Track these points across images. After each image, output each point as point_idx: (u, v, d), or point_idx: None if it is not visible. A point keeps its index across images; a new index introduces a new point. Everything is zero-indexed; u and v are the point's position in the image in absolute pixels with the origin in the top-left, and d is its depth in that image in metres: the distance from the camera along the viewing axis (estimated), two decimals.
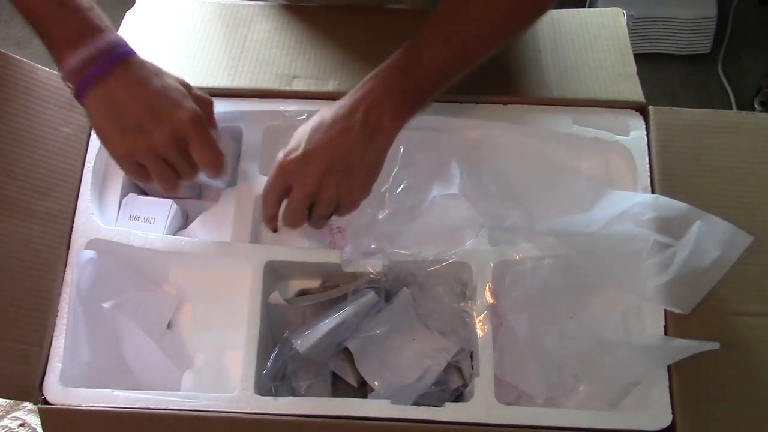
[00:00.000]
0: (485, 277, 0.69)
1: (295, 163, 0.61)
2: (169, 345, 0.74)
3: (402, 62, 0.61)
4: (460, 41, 0.60)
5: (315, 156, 0.60)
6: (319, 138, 0.60)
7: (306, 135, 0.61)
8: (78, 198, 0.72)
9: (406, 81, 0.60)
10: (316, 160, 0.60)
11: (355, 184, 0.62)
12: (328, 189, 0.61)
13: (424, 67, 0.60)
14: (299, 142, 0.61)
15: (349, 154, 0.60)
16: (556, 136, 0.74)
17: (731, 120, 0.73)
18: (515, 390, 0.69)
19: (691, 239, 0.65)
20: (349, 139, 0.60)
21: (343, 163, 0.60)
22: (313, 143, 0.60)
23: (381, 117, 0.60)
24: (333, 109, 0.61)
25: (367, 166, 0.62)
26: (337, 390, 0.72)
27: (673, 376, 0.64)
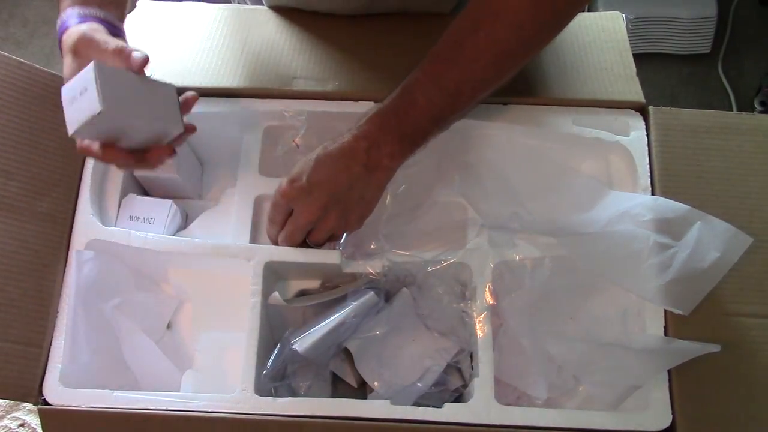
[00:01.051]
0: (485, 278, 0.69)
1: (300, 191, 0.63)
2: (169, 345, 0.74)
3: (399, 105, 0.63)
4: (453, 86, 0.61)
5: (318, 187, 0.63)
6: (324, 171, 0.63)
7: (311, 166, 0.63)
8: (78, 198, 0.72)
9: (404, 124, 0.62)
10: (319, 191, 0.63)
11: (351, 217, 0.65)
12: (327, 220, 0.65)
13: (419, 110, 0.62)
14: (303, 171, 0.63)
15: (350, 189, 0.63)
16: (556, 136, 0.74)
17: (731, 120, 0.73)
18: (515, 391, 0.69)
19: (691, 240, 0.65)
20: (351, 175, 0.62)
21: (344, 198, 0.63)
22: (317, 175, 0.63)
23: (381, 158, 0.62)
24: (336, 144, 0.63)
25: (365, 202, 0.65)
26: (337, 390, 0.72)
27: (673, 376, 0.64)
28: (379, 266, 0.70)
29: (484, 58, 0.60)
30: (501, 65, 0.62)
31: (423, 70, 0.62)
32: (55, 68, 0.72)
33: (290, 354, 0.67)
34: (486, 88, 0.63)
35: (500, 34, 0.59)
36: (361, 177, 0.63)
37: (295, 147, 0.76)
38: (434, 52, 0.62)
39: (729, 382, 0.63)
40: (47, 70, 0.73)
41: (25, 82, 0.71)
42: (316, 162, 0.63)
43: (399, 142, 0.63)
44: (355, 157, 0.62)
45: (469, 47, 0.60)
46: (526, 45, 0.61)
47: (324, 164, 0.63)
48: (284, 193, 0.64)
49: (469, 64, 0.61)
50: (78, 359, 0.68)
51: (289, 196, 0.64)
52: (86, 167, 0.73)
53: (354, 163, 0.62)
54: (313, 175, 0.63)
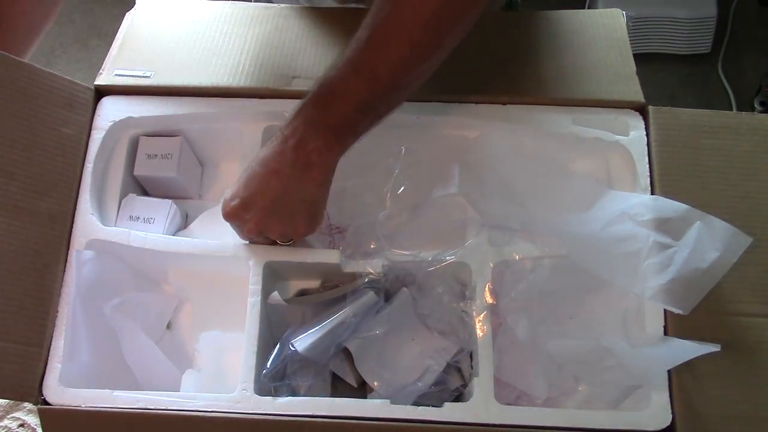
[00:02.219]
0: (485, 277, 0.69)
1: (236, 209, 0.64)
2: (169, 345, 0.74)
3: (319, 97, 0.60)
4: (369, 70, 0.58)
5: (251, 201, 0.63)
6: (255, 182, 0.62)
7: (243, 180, 0.63)
8: (78, 198, 0.72)
9: (327, 116, 0.60)
10: (253, 205, 0.63)
11: (297, 220, 0.64)
12: (272, 228, 0.65)
13: (340, 99, 0.59)
14: (238, 188, 0.64)
15: (285, 193, 0.62)
16: (556, 136, 0.74)
17: (731, 120, 0.73)
18: (515, 390, 0.69)
19: (690, 240, 0.65)
20: (282, 179, 0.61)
21: (281, 203, 0.63)
22: (250, 189, 0.63)
23: (309, 154, 0.60)
24: (264, 151, 0.62)
25: (307, 202, 0.63)
26: (336, 390, 0.72)
27: (673, 376, 0.64)
28: (379, 266, 0.70)
29: (394, 37, 0.57)
30: (414, 44, 0.58)
31: (341, 58, 0.59)
32: (55, 68, 0.72)
33: (290, 354, 0.67)
34: (407, 71, 0.59)
35: (406, 14, 0.57)
36: (293, 178, 0.61)
37: None
38: (352, 39, 0.59)
39: (729, 381, 0.63)
40: (47, 70, 0.73)
41: (25, 82, 0.71)
42: (246, 175, 0.63)
43: (324, 136, 0.60)
44: (283, 159, 0.61)
45: (379, 28, 0.57)
46: (436, 22, 0.57)
47: (254, 175, 0.62)
48: (225, 213, 0.65)
49: (380, 46, 0.58)
50: (78, 359, 0.68)
51: (229, 215, 0.65)
52: (86, 167, 0.73)
53: (283, 165, 0.61)
54: (244, 190, 0.63)
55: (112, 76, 0.77)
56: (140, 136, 0.77)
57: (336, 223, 0.77)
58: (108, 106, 0.76)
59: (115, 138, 0.76)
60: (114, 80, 0.77)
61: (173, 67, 0.77)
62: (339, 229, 0.77)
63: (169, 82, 0.76)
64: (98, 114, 0.75)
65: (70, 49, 1.85)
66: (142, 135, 0.77)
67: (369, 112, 0.61)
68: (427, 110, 0.75)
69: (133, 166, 0.76)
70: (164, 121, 0.77)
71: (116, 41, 0.80)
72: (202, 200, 0.81)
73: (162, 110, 0.76)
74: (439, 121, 0.75)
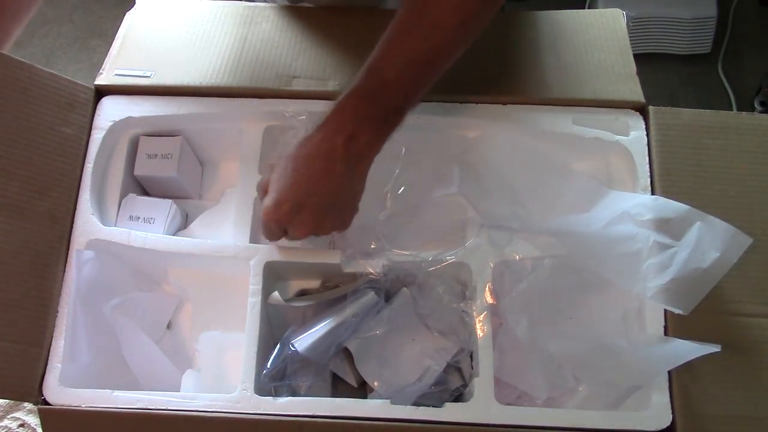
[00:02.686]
0: (485, 277, 0.69)
1: (288, 213, 0.61)
2: (169, 345, 0.74)
3: (369, 88, 0.59)
4: (422, 56, 0.59)
5: (307, 204, 0.61)
6: (306, 183, 0.61)
7: (290, 181, 0.61)
8: (78, 198, 0.72)
9: (377, 107, 0.59)
10: (309, 207, 0.61)
11: (345, 215, 0.64)
12: (326, 226, 0.63)
13: (391, 88, 0.59)
14: (283, 191, 0.61)
15: (339, 191, 0.61)
16: (556, 136, 0.74)
17: (731, 120, 0.73)
18: (515, 390, 0.69)
19: (690, 240, 0.65)
20: (334, 177, 0.60)
21: (334, 203, 0.62)
22: (300, 190, 0.61)
23: (360, 147, 0.60)
24: (309, 146, 0.60)
25: (353, 196, 0.63)
26: (337, 390, 0.72)
27: (673, 376, 0.64)
28: (379, 266, 0.70)
29: (449, 21, 0.57)
30: (467, 26, 0.59)
31: (387, 45, 0.59)
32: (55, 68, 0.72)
33: (290, 354, 0.67)
34: (454, 54, 0.60)
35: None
36: (344, 175, 0.60)
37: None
38: (395, 25, 0.59)
39: (729, 382, 0.63)
40: (47, 70, 0.73)
41: (25, 82, 0.71)
42: (294, 174, 0.60)
43: (377, 128, 0.60)
44: (334, 157, 0.59)
45: (433, 13, 0.57)
46: (488, 2, 0.59)
47: (304, 175, 0.60)
48: (274, 219, 0.62)
49: (434, 30, 0.58)
50: (78, 359, 0.68)
51: (279, 221, 0.62)
52: (86, 167, 0.73)
53: (334, 163, 0.59)
54: (293, 192, 0.61)
55: (112, 76, 0.77)
56: (140, 136, 0.77)
57: None
58: (108, 106, 0.76)
59: (115, 138, 0.76)
60: (114, 80, 0.77)
61: (173, 67, 0.77)
62: None
63: (169, 82, 0.76)
64: (98, 114, 0.75)
65: (70, 49, 1.85)
66: (142, 135, 0.77)
67: (415, 98, 0.61)
68: (427, 110, 0.75)
69: (133, 166, 0.76)
70: (164, 121, 0.77)
71: (116, 41, 0.80)
72: (202, 200, 0.81)
73: (162, 110, 0.76)
74: (439, 121, 0.75)
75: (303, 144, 0.61)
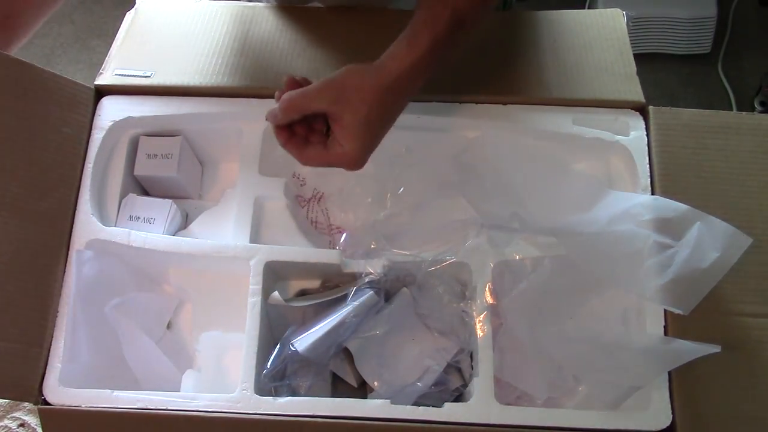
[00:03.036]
0: (485, 277, 0.69)
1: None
2: (169, 345, 0.74)
3: (446, 27, 0.60)
4: None
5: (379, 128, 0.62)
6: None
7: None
8: (78, 198, 0.72)
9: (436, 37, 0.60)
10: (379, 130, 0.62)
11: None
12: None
13: (446, 17, 0.60)
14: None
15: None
16: (556, 136, 0.74)
17: (731, 120, 0.73)
18: (515, 390, 0.69)
19: (690, 240, 0.65)
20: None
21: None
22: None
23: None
24: (388, 83, 0.60)
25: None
26: (337, 390, 0.72)
27: (673, 376, 0.64)
28: (379, 266, 0.70)
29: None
30: None
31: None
32: (55, 68, 0.72)
33: (290, 354, 0.67)
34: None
35: None
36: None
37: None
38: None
39: (729, 382, 0.63)
40: (47, 70, 0.73)
41: (25, 82, 0.71)
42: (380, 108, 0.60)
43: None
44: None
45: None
46: None
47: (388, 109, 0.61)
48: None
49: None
50: (78, 359, 0.68)
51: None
52: (86, 167, 0.73)
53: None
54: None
55: (112, 76, 0.77)
56: (140, 136, 0.77)
57: (336, 223, 0.77)
58: (108, 106, 0.76)
59: (115, 138, 0.76)
60: (114, 80, 0.77)
61: (173, 67, 0.77)
62: (339, 228, 0.77)
63: (169, 82, 0.76)
64: (98, 114, 0.75)
65: (70, 49, 1.85)
66: (142, 135, 0.77)
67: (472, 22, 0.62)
68: (427, 110, 0.75)
69: (133, 166, 0.76)
70: (164, 121, 0.77)
71: (116, 41, 0.80)
72: (202, 200, 0.81)
73: (162, 110, 0.76)
74: (439, 121, 0.75)
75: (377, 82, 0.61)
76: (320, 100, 0.60)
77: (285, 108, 0.61)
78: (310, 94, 0.60)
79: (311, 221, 0.78)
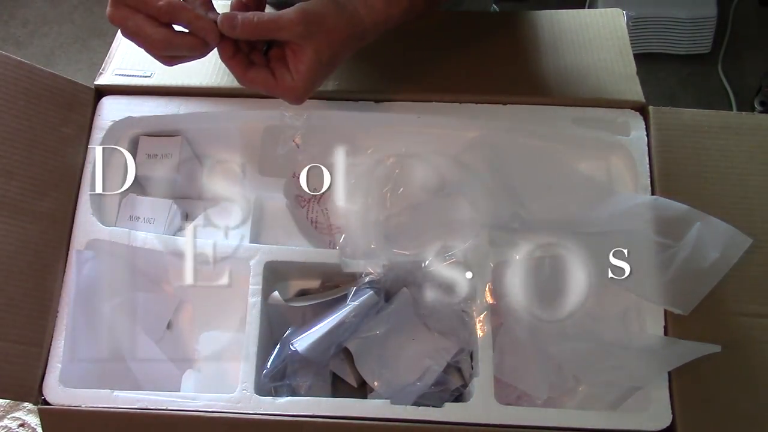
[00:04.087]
0: (485, 278, 0.69)
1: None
2: (169, 345, 0.74)
3: None
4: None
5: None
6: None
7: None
8: (78, 198, 0.72)
9: None
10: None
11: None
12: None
13: None
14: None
15: None
16: (556, 136, 0.74)
17: (731, 120, 0.73)
18: (515, 390, 0.69)
19: (690, 240, 0.65)
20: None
21: None
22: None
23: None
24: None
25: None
26: (337, 390, 0.72)
27: (673, 376, 0.64)
28: (379, 266, 0.69)
29: None
30: None
31: None
32: (55, 68, 0.72)
33: (290, 354, 0.67)
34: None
35: None
36: None
37: (295, 147, 0.76)
38: None
39: (729, 382, 0.63)
40: (47, 70, 0.73)
41: (25, 82, 0.71)
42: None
43: None
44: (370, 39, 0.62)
45: None
46: None
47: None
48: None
49: None
50: (78, 359, 0.68)
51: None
52: (86, 167, 0.73)
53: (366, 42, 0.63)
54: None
55: (112, 76, 0.77)
56: (140, 136, 0.77)
57: (336, 223, 0.77)
58: (108, 106, 0.76)
59: (115, 138, 0.76)
60: (114, 80, 0.77)
61: (173, 68, 0.77)
62: (339, 228, 0.77)
63: (169, 82, 0.76)
64: (98, 114, 0.75)
65: (70, 49, 1.85)
66: (142, 135, 0.77)
67: None
68: (427, 110, 0.75)
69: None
70: (164, 121, 0.77)
71: (116, 41, 0.80)
72: (202, 200, 0.81)
73: (162, 110, 0.76)
74: (439, 121, 0.75)
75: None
76: (290, 32, 0.58)
77: (249, 29, 0.58)
78: (283, 23, 0.58)
79: (311, 221, 0.78)
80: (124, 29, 0.59)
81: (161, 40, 0.58)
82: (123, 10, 0.57)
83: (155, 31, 0.57)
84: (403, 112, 0.75)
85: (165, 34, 0.57)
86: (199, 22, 0.58)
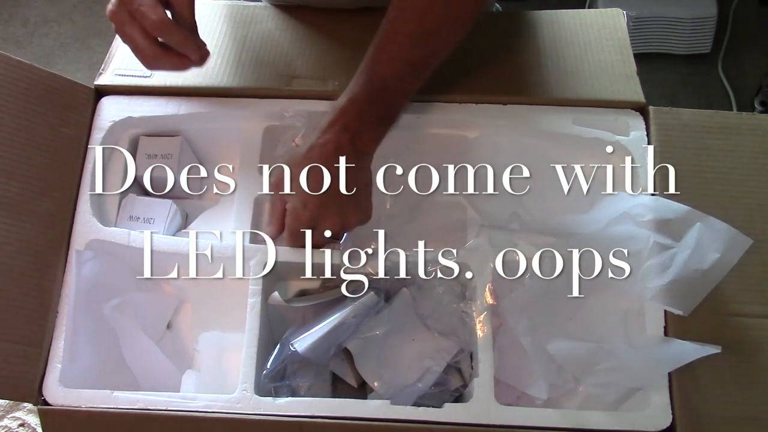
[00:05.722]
0: (485, 278, 0.69)
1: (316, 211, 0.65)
2: (169, 345, 0.74)
3: (370, 92, 0.63)
4: (421, 60, 0.64)
5: (330, 201, 0.64)
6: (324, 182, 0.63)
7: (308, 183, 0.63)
8: (78, 198, 0.72)
9: (379, 108, 0.64)
10: (332, 203, 0.64)
11: (365, 205, 0.67)
12: (350, 221, 0.66)
13: (393, 92, 0.64)
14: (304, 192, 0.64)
15: (354, 183, 0.64)
16: (556, 136, 0.74)
17: (731, 120, 0.73)
18: (515, 391, 0.69)
19: (691, 241, 0.65)
20: (348, 171, 0.63)
21: (352, 195, 0.64)
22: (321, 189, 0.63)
23: (364, 145, 0.64)
24: (317, 149, 0.63)
25: (368, 185, 0.67)
26: (337, 390, 0.72)
27: (673, 376, 0.64)
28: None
29: (447, 27, 0.62)
30: (462, 27, 0.63)
31: (386, 49, 0.63)
32: (55, 68, 0.72)
33: (290, 354, 0.67)
34: (448, 54, 0.64)
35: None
36: (354, 169, 0.64)
37: (295, 147, 0.76)
38: (393, 29, 0.63)
39: (729, 382, 0.63)
40: (47, 70, 0.73)
41: (25, 82, 0.71)
42: (312, 175, 0.63)
43: (378, 126, 0.64)
44: (343, 153, 0.63)
45: (431, 19, 0.61)
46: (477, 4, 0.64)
47: (320, 173, 0.63)
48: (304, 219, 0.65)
49: (434, 36, 0.62)
50: (78, 359, 0.68)
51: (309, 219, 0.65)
52: (86, 167, 0.73)
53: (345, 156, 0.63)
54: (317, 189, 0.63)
55: (112, 76, 0.77)
56: (140, 136, 0.77)
57: None
58: (108, 106, 0.76)
59: (115, 138, 0.76)
60: (114, 80, 0.77)
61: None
62: None
63: (169, 82, 0.76)
64: (98, 114, 0.75)
65: (70, 49, 1.85)
66: (142, 135, 0.77)
67: (412, 95, 0.66)
68: (427, 110, 0.75)
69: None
70: (164, 121, 0.77)
71: (116, 41, 0.80)
72: (202, 200, 0.81)
73: (162, 110, 0.76)
74: (439, 121, 0.75)
75: (311, 148, 0.64)
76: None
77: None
78: None
79: None
80: (119, 32, 0.63)
81: (150, 55, 0.63)
82: (123, 15, 0.61)
83: (146, 45, 0.62)
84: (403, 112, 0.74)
85: (154, 51, 0.62)
86: (188, 46, 0.64)
